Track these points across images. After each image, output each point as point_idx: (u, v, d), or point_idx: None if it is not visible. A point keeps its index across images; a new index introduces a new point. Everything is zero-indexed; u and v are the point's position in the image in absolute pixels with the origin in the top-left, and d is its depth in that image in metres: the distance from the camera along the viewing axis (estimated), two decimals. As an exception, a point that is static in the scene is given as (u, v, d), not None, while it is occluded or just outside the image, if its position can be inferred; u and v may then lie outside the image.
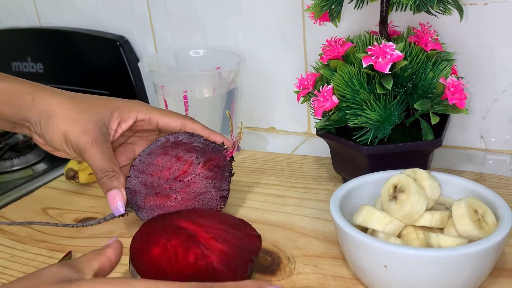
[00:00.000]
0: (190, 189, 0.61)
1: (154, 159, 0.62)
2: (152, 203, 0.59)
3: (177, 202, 0.60)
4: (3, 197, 0.76)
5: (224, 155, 0.63)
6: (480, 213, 0.49)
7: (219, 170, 0.62)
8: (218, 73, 0.79)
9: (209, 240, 0.51)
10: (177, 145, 0.63)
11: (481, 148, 0.78)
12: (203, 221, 0.53)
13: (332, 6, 0.63)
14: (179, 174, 0.61)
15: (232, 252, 0.50)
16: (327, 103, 0.60)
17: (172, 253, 0.48)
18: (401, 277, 0.46)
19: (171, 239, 0.50)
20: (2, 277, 0.57)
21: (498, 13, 0.70)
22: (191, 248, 0.49)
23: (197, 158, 0.62)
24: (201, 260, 0.48)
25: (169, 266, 0.47)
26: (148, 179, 0.61)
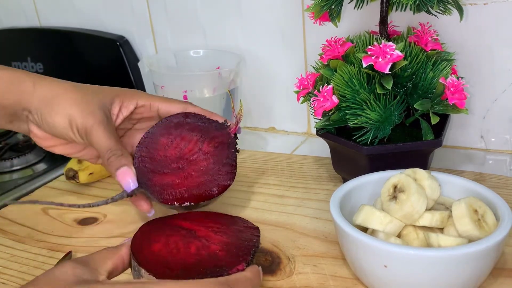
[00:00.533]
0: (198, 166, 0.60)
1: (158, 139, 0.61)
2: (161, 181, 0.58)
3: (186, 179, 0.59)
4: (3, 197, 0.76)
5: (227, 132, 0.63)
6: (480, 213, 0.49)
7: (224, 146, 0.62)
8: (218, 73, 0.78)
9: (208, 233, 0.51)
10: (180, 125, 0.63)
11: (481, 148, 0.78)
12: (201, 220, 0.54)
13: (332, 6, 0.63)
14: (185, 152, 0.61)
15: (233, 241, 0.50)
16: (327, 103, 0.60)
17: (173, 247, 0.49)
18: (401, 277, 0.46)
19: (171, 236, 0.51)
20: (2, 277, 0.57)
21: (498, 13, 0.70)
22: (192, 241, 0.50)
23: (201, 137, 0.62)
24: (202, 250, 0.48)
25: (172, 257, 0.47)
26: (154, 158, 0.60)
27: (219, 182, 0.59)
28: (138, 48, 0.98)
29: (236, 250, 0.49)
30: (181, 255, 0.48)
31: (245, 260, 0.47)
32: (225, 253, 0.48)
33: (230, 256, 0.48)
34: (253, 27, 0.86)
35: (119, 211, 0.69)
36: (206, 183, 0.58)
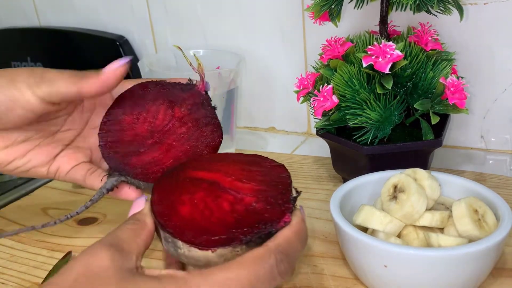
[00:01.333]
0: (176, 134, 0.54)
1: (121, 118, 0.55)
2: (141, 162, 0.52)
3: (169, 151, 0.53)
4: (3, 197, 0.76)
5: (197, 91, 0.57)
6: (480, 213, 0.49)
7: (198, 107, 0.56)
8: (218, 73, 0.78)
9: (233, 182, 0.45)
10: (141, 97, 0.56)
11: (481, 148, 0.78)
12: (216, 166, 0.48)
13: (332, 5, 0.63)
14: (156, 125, 0.55)
15: (265, 187, 0.45)
16: (327, 103, 0.60)
17: (203, 206, 0.43)
18: (401, 277, 0.46)
19: (194, 193, 0.44)
20: (2, 277, 0.57)
21: (498, 13, 0.70)
22: (220, 195, 0.44)
23: (169, 103, 0.56)
24: (237, 205, 0.43)
25: (207, 220, 0.42)
26: (124, 140, 0.54)
27: (208, 143, 0.54)
28: (138, 48, 0.98)
29: (273, 198, 0.43)
30: (217, 215, 0.42)
31: (288, 210, 0.42)
32: (263, 205, 0.43)
33: (270, 207, 0.43)
34: (253, 27, 0.86)
35: (119, 211, 0.68)
36: (193, 149, 0.53)
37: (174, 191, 0.45)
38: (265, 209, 0.42)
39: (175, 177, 0.47)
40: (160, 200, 0.44)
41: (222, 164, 0.48)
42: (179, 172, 0.48)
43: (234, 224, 0.41)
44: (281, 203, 0.43)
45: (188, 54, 0.87)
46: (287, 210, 0.42)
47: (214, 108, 0.57)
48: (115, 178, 0.51)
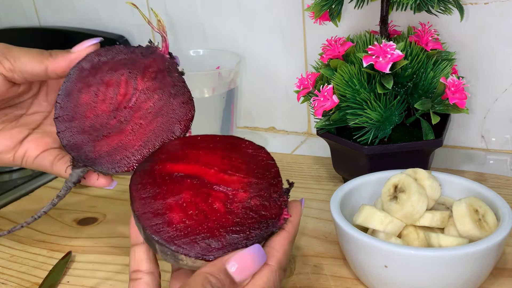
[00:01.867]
0: (143, 111, 0.48)
1: (77, 98, 0.49)
2: (107, 147, 0.47)
3: (137, 132, 0.48)
4: (3, 197, 0.76)
5: (160, 55, 0.51)
6: (481, 213, 0.49)
7: (164, 74, 0.50)
8: (218, 72, 0.78)
9: (218, 175, 0.43)
10: (96, 69, 0.50)
11: (481, 148, 0.78)
12: (193, 154, 0.45)
13: (332, 5, 0.63)
14: (119, 101, 0.49)
15: (253, 178, 0.43)
16: (328, 103, 0.60)
17: (194, 211, 0.41)
18: (401, 277, 0.46)
19: (179, 194, 0.42)
20: (2, 277, 0.57)
21: (498, 13, 0.70)
22: (210, 194, 0.42)
23: (130, 73, 0.49)
24: (232, 204, 0.41)
25: (204, 227, 0.40)
26: (84, 124, 0.48)
27: (179, 118, 0.48)
28: (138, 48, 0.98)
29: (266, 191, 0.42)
30: (213, 219, 0.40)
31: (285, 204, 0.41)
32: (258, 201, 0.41)
33: (267, 203, 0.41)
34: (253, 27, 0.86)
35: (119, 211, 0.68)
36: (163, 126, 0.48)
37: (156, 195, 0.42)
38: (262, 206, 0.41)
39: (151, 174, 0.44)
40: (144, 210, 0.41)
41: (198, 151, 0.45)
42: (154, 166, 0.44)
43: (234, 228, 0.40)
44: (276, 197, 0.42)
45: (188, 54, 0.88)
46: (284, 204, 0.42)
47: (181, 74, 0.51)
48: (80, 169, 0.47)
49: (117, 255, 0.59)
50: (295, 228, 0.43)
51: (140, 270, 0.43)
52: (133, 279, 0.43)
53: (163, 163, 0.44)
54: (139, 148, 0.47)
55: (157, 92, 0.49)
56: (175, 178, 0.43)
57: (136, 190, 0.42)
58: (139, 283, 0.42)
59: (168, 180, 0.43)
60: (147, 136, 0.48)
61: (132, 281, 0.43)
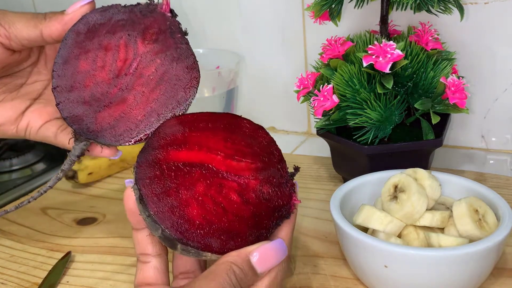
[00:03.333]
0: (145, 78, 0.46)
1: (75, 66, 0.46)
2: (109, 119, 0.45)
3: (139, 102, 0.45)
4: (2, 197, 0.76)
5: (161, 13, 0.47)
6: (481, 213, 0.49)
7: (166, 35, 0.47)
8: (218, 72, 0.78)
9: (226, 162, 0.42)
10: (93, 32, 0.47)
11: (482, 148, 0.78)
12: (194, 138, 0.43)
13: (332, 5, 0.63)
14: (119, 67, 0.46)
15: (260, 163, 0.42)
16: (328, 103, 0.60)
17: (212, 205, 0.40)
18: (401, 277, 0.46)
19: (193, 185, 0.40)
20: (1, 277, 0.57)
21: (499, 12, 0.70)
22: (223, 184, 0.41)
23: (129, 36, 0.46)
24: (245, 194, 0.40)
25: (224, 220, 0.39)
26: (84, 94, 0.46)
27: (184, 85, 0.46)
28: (138, 47, 0.98)
29: (275, 177, 0.41)
30: (231, 211, 0.40)
31: (293, 188, 0.41)
32: (269, 187, 0.41)
33: (277, 189, 0.41)
34: (253, 26, 0.86)
35: (119, 211, 0.68)
36: (167, 94, 0.46)
37: (169, 190, 0.40)
38: (273, 193, 0.41)
39: (157, 165, 0.41)
40: (160, 208, 0.39)
41: (198, 133, 0.43)
42: (157, 155, 0.42)
43: (253, 220, 0.40)
44: (284, 182, 0.41)
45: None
46: (292, 188, 0.41)
47: (185, 34, 0.48)
48: (82, 143, 0.45)
49: (116, 255, 0.59)
50: (294, 216, 0.44)
51: (147, 254, 0.43)
52: (141, 261, 0.42)
53: (165, 150, 0.42)
54: (142, 119, 0.45)
55: (159, 56, 0.46)
56: (184, 169, 0.41)
57: (146, 185, 0.40)
58: (148, 266, 0.42)
59: (177, 171, 0.41)
60: (150, 106, 0.45)
61: (140, 263, 0.42)
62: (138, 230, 0.43)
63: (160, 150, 0.42)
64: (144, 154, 0.42)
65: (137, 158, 0.42)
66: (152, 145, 0.43)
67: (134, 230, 0.43)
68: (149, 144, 0.43)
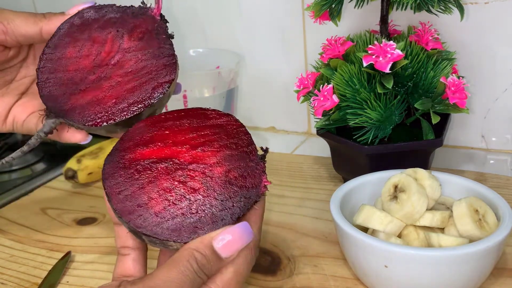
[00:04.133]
0: (124, 69, 0.48)
1: (63, 51, 0.49)
2: (81, 101, 0.47)
3: (113, 90, 0.47)
4: (2, 197, 0.76)
5: (151, 16, 0.51)
6: (481, 213, 0.49)
7: (151, 35, 0.50)
8: (218, 72, 0.78)
9: (191, 152, 0.43)
10: (86, 25, 0.50)
11: (482, 148, 0.78)
12: (160, 133, 0.44)
13: (332, 5, 0.63)
14: (102, 57, 0.49)
15: (227, 150, 0.42)
16: (328, 103, 0.60)
17: (174, 196, 0.41)
18: (401, 277, 0.46)
19: (155, 181, 0.41)
20: (1, 277, 0.57)
21: (499, 12, 0.70)
22: (187, 175, 0.42)
23: (118, 32, 0.50)
24: (211, 181, 0.41)
25: (188, 209, 0.40)
26: (64, 77, 0.49)
27: (158, 80, 0.48)
28: (138, 47, 0.98)
29: (243, 161, 0.42)
30: (195, 200, 0.40)
31: (263, 170, 0.42)
32: (236, 172, 0.41)
33: (245, 172, 0.41)
34: (253, 26, 0.86)
35: (119, 211, 0.68)
36: (142, 86, 0.47)
37: (132, 187, 0.41)
38: (241, 177, 0.41)
39: (121, 165, 0.43)
40: (124, 205, 0.40)
41: (164, 131, 0.44)
42: (123, 156, 0.43)
43: (218, 205, 0.40)
44: (253, 166, 0.42)
45: (188, 53, 0.88)
46: (263, 171, 0.42)
47: (170, 37, 0.51)
48: (52, 120, 0.47)
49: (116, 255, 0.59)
50: (263, 203, 0.43)
51: (127, 246, 0.44)
52: (121, 254, 0.44)
53: (131, 150, 0.44)
54: (112, 105, 0.47)
55: (141, 52, 0.49)
56: (147, 165, 0.42)
57: (111, 186, 0.42)
58: (127, 258, 0.44)
59: (140, 169, 0.42)
60: (122, 94, 0.47)
61: (120, 256, 0.44)
62: (119, 225, 0.44)
63: (125, 152, 0.44)
64: (110, 156, 0.44)
65: (104, 161, 0.44)
66: (119, 147, 0.44)
67: (115, 225, 0.44)
68: (116, 147, 0.45)
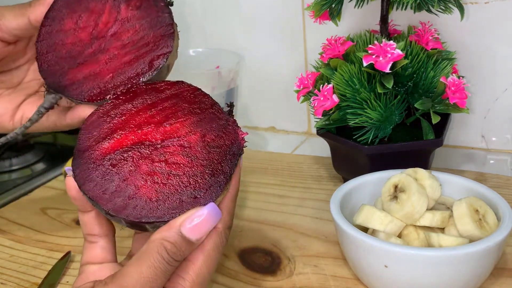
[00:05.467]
0: (121, 41, 0.47)
1: (61, 23, 0.48)
2: (79, 75, 0.47)
3: (110, 63, 0.47)
4: (2, 197, 0.76)
5: None
6: (481, 213, 0.49)
7: (149, 3, 0.48)
8: (217, 72, 0.78)
9: (160, 130, 0.42)
10: None
11: (482, 148, 0.78)
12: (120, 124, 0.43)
13: (333, 4, 0.63)
14: (100, 29, 0.48)
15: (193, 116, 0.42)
16: (328, 102, 0.60)
17: (161, 177, 0.40)
18: (401, 277, 0.46)
19: (135, 170, 0.41)
20: (1, 277, 0.57)
21: (499, 12, 0.70)
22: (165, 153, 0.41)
23: (115, 1, 0.48)
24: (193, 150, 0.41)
25: (179, 184, 0.40)
26: (63, 50, 0.48)
27: (158, 52, 0.47)
28: (138, 47, 0.98)
29: (214, 122, 0.42)
30: (183, 174, 0.40)
31: (235, 124, 0.42)
32: (212, 134, 0.41)
33: (220, 132, 0.41)
34: (253, 26, 0.86)
35: (119, 211, 0.68)
36: (138, 59, 0.46)
37: (112, 182, 0.40)
38: (218, 137, 0.41)
39: (94, 166, 0.41)
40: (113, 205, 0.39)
41: (122, 117, 0.44)
42: (89, 154, 0.42)
43: (209, 171, 0.40)
44: (224, 123, 0.41)
45: (188, 53, 0.87)
46: (236, 125, 0.42)
47: (169, 4, 0.49)
48: (52, 95, 0.47)
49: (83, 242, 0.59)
50: (236, 185, 0.43)
51: (94, 234, 0.43)
52: (88, 241, 0.44)
53: (96, 147, 0.42)
54: (109, 79, 0.46)
55: (138, 22, 0.48)
56: (120, 156, 0.41)
57: (91, 189, 0.40)
58: (95, 246, 0.43)
59: (114, 162, 0.41)
60: (119, 68, 0.46)
61: (88, 243, 0.44)
62: (84, 213, 0.43)
63: (90, 150, 0.42)
64: (76, 160, 0.42)
65: (71, 166, 0.42)
66: (80, 148, 0.43)
67: (80, 213, 0.44)
68: (77, 148, 0.43)
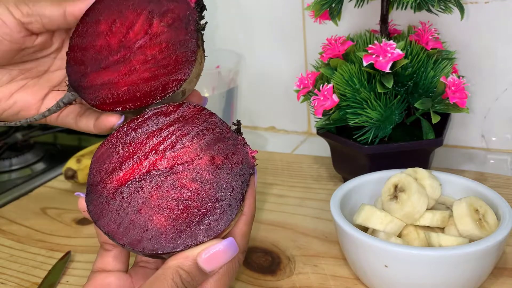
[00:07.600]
0: (145, 56, 0.47)
1: (97, 25, 0.48)
2: (98, 80, 0.47)
3: (128, 76, 0.46)
4: (2, 197, 0.76)
5: (186, 2, 0.49)
6: (481, 213, 0.49)
7: (181, 23, 0.48)
8: (217, 72, 0.78)
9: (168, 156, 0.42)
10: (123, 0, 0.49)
11: (482, 148, 0.78)
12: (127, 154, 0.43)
13: (333, 4, 0.63)
14: (129, 38, 0.48)
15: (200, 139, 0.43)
16: (328, 102, 0.60)
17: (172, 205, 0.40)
18: (401, 276, 0.46)
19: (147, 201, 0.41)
20: (1, 277, 0.57)
21: (499, 12, 0.70)
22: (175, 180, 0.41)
23: (150, 13, 0.48)
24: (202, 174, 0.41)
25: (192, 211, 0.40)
26: (91, 51, 0.48)
27: (177, 77, 0.46)
28: (138, 47, 0.98)
29: (220, 143, 0.42)
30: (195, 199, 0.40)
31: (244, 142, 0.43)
32: (221, 156, 0.42)
33: (228, 152, 0.42)
34: (253, 26, 0.86)
35: (119, 211, 0.68)
36: (156, 79, 0.46)
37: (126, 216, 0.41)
38: (227, 159, 0.41)
39: (103, 198, 0.42)
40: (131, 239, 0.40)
41: (128, 144, 0.44)
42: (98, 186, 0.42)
43: (223, 195, 0.40)
44: (233, 143, 0.42)
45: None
46: (244, 144, 0.43)
47: (199, 29, 0.49)
48: (71, 93, 0.47)
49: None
50: (252, 209, 0.43)
51: (109, 243, 0.44)
52: (103, 249, 0.44)
53: (107, 180, 0.42)
54: (123, 92, 0.46)
55: (166, 41, 0.47)
56: (131, 189, 0.42)
57: (106, 224, 0.41)
58: (108, 254, 0.44)
59: (126, 195, 0.41)
60: (136, 83, 0.46)
61: (102, 250, 0.44)
62: None
63: (102, 184, 0.42)
64: (89, 195, 0.42)
65: (85, 202, 0.42)
66: (93, 182, 0.43)
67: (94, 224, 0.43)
68: (90, 183, 0.43)
